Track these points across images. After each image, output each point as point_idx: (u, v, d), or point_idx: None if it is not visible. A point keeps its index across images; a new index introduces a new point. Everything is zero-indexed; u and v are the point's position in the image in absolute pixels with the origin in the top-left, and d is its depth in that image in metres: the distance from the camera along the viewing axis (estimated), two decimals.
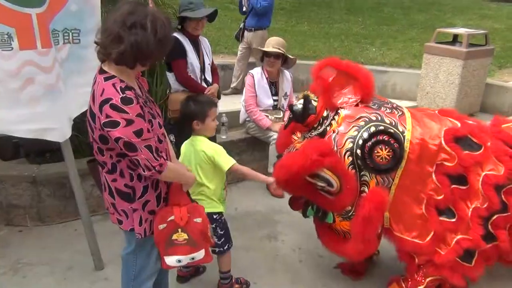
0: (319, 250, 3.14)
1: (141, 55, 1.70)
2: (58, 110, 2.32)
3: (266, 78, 4.01)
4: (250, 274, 2.88)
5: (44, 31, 2.19)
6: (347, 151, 2.19)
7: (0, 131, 2.28)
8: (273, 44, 3.90)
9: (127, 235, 2.04)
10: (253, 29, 6.27)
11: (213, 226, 2.52)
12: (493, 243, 2.31)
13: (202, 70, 3.39)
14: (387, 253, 3.01)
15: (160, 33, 1.69)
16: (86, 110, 2.57)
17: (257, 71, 4.04)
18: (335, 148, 2.21)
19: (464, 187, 2.27)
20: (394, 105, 2.39)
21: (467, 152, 2.28)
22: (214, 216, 2.50)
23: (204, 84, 3.37)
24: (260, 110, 3.99)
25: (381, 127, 2.18)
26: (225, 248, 2.59)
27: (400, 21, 12.12)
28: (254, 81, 3.98)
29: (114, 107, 1.67)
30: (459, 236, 2.28)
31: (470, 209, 2.28)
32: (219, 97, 3.51)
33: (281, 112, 4.10)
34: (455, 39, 6.18)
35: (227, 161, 2.38)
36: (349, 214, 2.32)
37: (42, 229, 3.31)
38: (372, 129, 2.17)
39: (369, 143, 2.15)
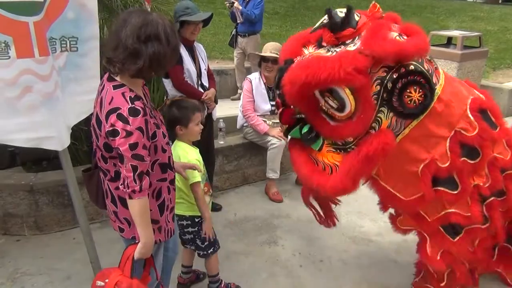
0: (319, 255, 3.14)
1: (159, 67, 1.71)
2: (56, 119, 2.31)
3: (264, 83, 4.02)
4: (250, 279, 2.87)
5: (42, 39, 2.17)
6: (377, 79, 1.96)
7: None
8: (270, 49, 3.91)
9: (128, 243, 2.02)
10: (246, 34, 6.31)
11: (196, 229, 2.52)
12: (484, 225, 2.27)
13: (199, 75, 3.40)
14: (385, 257, 3.02)
15: (172, 41, 1.69)
16: (85, 118, 2.60)
17: (254, 76, 4.04)
18: (368, 71, 1.96)
19: (473, 162, 2.17)
20: (432, 59, 2.18)
21: (487, 126, 2.19)
22: (196, 220, 2.50)
23: (201, 89, 3.39)
24: (257, 115, 3.99)
25: (420, 69, 1.97)
26: (209, 251, 2.58)
27: None
28: (252, 86, 3.98)
29: (120, 117, 1.66)
30: (452, 210, 2.22)
31: (472, 185, 2.21)
32: (216, 102, 3.52)
33: None
34: (449, 42, 6.23)
35: (190, 178, 2.36)
36: (346, 147, 2.12)
37: (40, 238, 3.29)
38: (411, 67, 1.95)
39: (404, 80, 1.94)
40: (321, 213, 2.75)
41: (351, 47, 2.01)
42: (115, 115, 1.67)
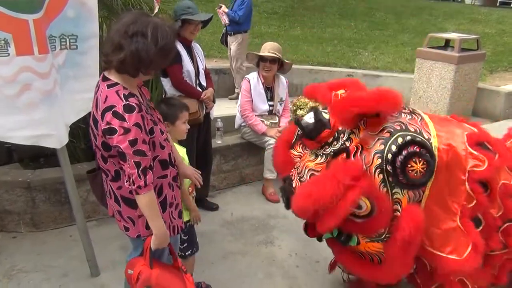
0: (315, 255, 3.15)
1: (141, 63, 1.71)
2: (55, 116, 2.31)
3: (262, 83, 4.02)
4: (247, 279, 2.88)
5: (41, 37, 2.17)
6: (376, 168, 1.96)
7: None
8: (268, 49, 3.91)
9: (134, 242, 2.04)
10: (232, 33, 6.52)
11: None
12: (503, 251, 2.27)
13: (197, 75, 3.40)
14: None
15: (161, 41, 1.70)
16: (84, 116, 2.60)
17: (253, 76, 4.04)
18: (364, 167, 1.98)
19: (486, 194, 2.14)
20: (411, 109, 2.19)
21: (491, 156, 2.17)
22: None
23: (198, 89, 3.39)
24: (255, 115, 4.00)
25: (409, 137, 1.96)
26: (186, 253, 2.57)
27: (392, 25, 12.23)
28: (250, 86, 3.98)
29: (115, 115, 1.68)
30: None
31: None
32: (214, 101, 3.53)
33: (277, 117, 4.11)
34: (446, 44, 6.26)
35: None
36: (382, 237, 2.09)
37: (36, 235, 3.28)
38: (400, 140, 1.95)
39: (400, 157, 1.92)
40: None
41: (336, 145, 2.09)
42: (110, 113, 1.68)
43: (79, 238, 2.81)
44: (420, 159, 1.93)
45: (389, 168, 1.94)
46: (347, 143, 2.04)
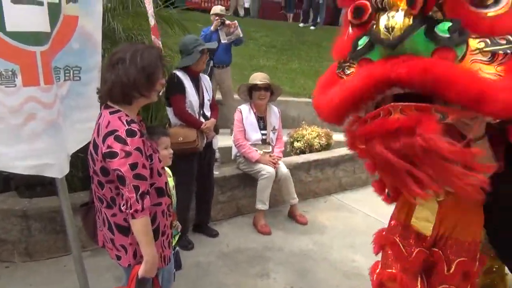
0: None
1: (125, 88, 1.79)
2: (57, 146, 2.33)
3: (254, 113, 4.13)
4: None
5: (47, 68, 2.22)
6: None
7: (0, 167, 2.28)
8: (260, 78, 4.06)
9: (127, 271, 2.03)
10: (224, 65, 5.80)
11: None
12: None
13: (201, 105, 3.54)
14: None
15: (140, 62, 1.79)
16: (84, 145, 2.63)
17: (244, 107, 4.17)
18: None
19: None
20: None
21: None
22: None
23: (202, 119, 3.51)
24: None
25: None
26: None
27: None
28: (242, 116, 4.10)
29: (117, 139, 1.74)
30: None
31: None
32: (217, 132, 3.64)
33: (270, 146, 4.17)
34: None
35: None
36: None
37: (30, 265, 3.25)
38: None
39: None
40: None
41: None
42: (112, 137, 1.74)
43: (72, 268, 2.78)
44: None
45: None
46: None
